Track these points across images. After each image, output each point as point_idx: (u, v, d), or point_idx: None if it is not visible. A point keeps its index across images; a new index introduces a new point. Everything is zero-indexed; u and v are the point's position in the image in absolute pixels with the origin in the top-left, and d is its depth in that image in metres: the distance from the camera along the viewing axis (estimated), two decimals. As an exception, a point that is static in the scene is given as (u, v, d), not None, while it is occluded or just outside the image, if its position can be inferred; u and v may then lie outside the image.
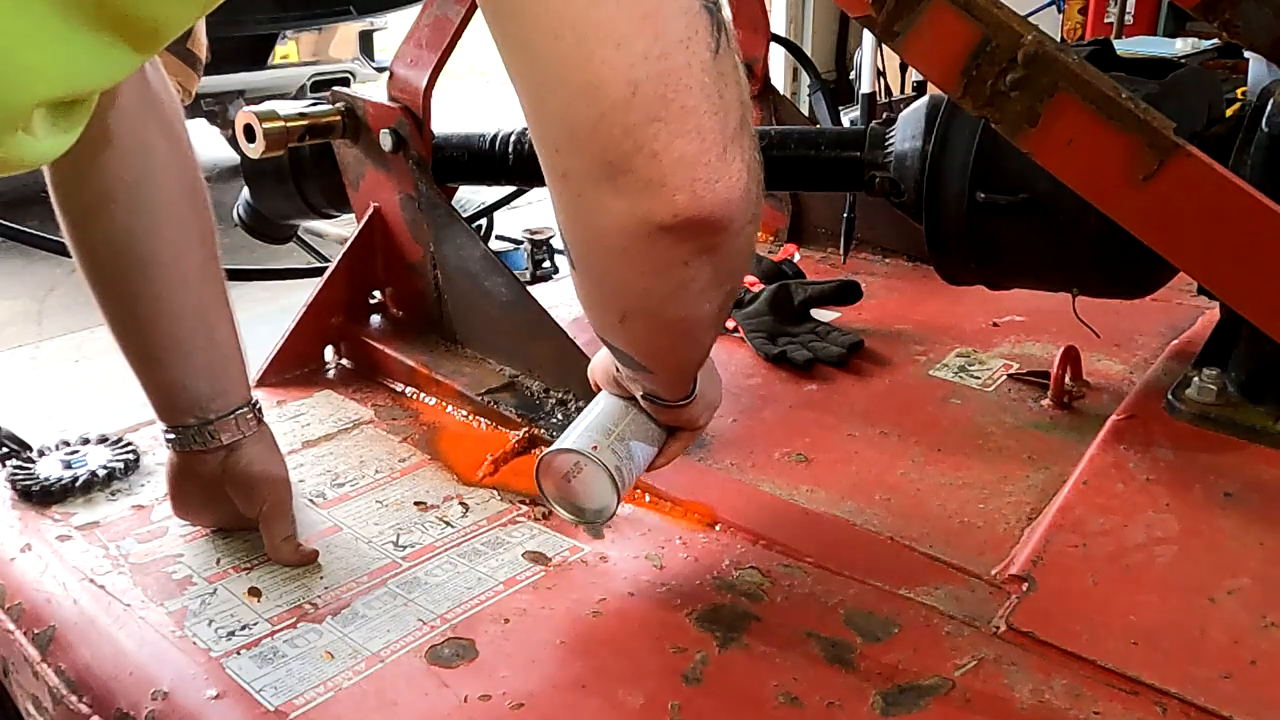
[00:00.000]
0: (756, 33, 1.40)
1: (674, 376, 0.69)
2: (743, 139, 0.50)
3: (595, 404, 0.75)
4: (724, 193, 0.49)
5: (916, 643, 0.65)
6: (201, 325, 0.76)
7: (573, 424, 0.73)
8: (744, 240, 0.54)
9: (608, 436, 0.71)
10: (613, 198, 0.48)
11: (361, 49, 4.89)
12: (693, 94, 0.46)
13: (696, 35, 0.46)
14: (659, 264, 0.52)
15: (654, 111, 0.46)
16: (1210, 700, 0.58)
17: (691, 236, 0.50)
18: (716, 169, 0.48)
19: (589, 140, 0.47)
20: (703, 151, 0.47)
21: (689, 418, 0.74)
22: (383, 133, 1.02)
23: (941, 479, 0.83)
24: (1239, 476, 0.75)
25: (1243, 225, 0.63)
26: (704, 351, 0.68)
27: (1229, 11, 0.96)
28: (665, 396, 0.71)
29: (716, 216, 0.50)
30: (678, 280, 0.54)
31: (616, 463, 0.70)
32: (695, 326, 0.61)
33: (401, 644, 0.67)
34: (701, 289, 0.56)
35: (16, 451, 0.90)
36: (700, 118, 0.47)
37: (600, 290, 0.58)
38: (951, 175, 0.88)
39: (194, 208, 0.76)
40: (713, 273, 0.55)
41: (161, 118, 0.72)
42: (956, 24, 0.66)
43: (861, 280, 1.19)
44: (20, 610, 0.74)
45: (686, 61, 0.46)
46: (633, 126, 0.46)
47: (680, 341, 0.63)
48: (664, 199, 0.48)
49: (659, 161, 0.47)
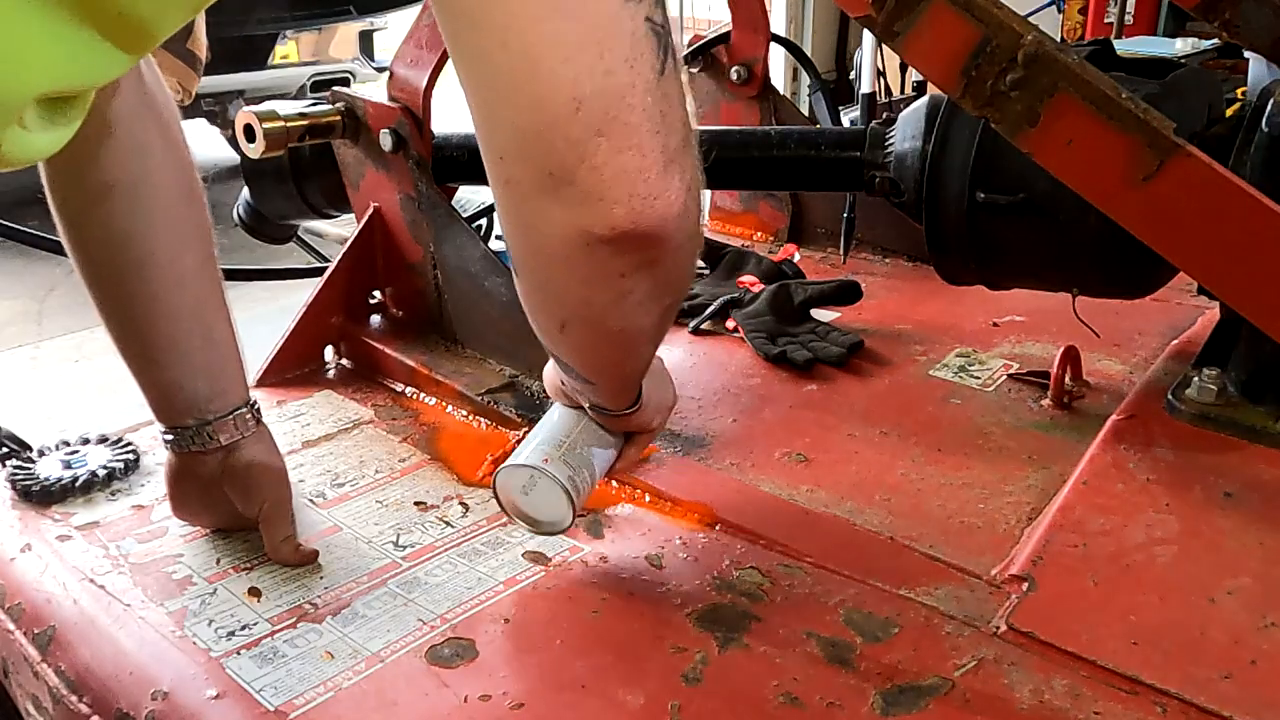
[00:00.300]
0: (756, 33, 1.40)
1: (616, 387, 0.70)
2: (684, 159, 0.51)
3: (548, 416, 0.76)
4: (662, 209, 0.50)
5: (916, 643, 0.65)
6: (199, 325, 0.76)
7: (526, 438, 0.75)
8: (683, 256, 0.56)
9: (559, 449, 0.72)
10: (554, 207, 0.50)
11: (361, 49, 4.89)
12: (635, 112, 0.48)
13: (642, 56, 0.47)
14: (597, 274, 0.54)
15: (597, 126, 0.47)
16: (1210, 700, 0.58)
17: (629, 250, 0.52)
18: (655, 186, 0.50)
19: (533, 150, 0.48)
20: (643, 168, 0.49)
21: (638, 424, 0.75)
22: (383, 133, 1.02)
23: (941, 479, 0.83)
24: (1239, 476, 0.75)
25: (1243, 225, 0.63)
26: (644, 363, 0.69)
27: (1229, 11, 0.97)
28: (609, 407, 0.72)
29: (654, 232, 0.51)
30: (616, 291, 0.55)
31: (569, 473, 0.71)
32: (634, 338, 0.63)
33: (401, 644, 0.67)
34: (640, 301, 0.57)
35: (16, 451, 0.90)
36: (642, 135, 0.48)
37: (541, 297, 0.60)
38: (951, 175, 0.88)
39: (191, 207, 0.76)
40: (651, 286, 0.57)
41: (158, 117, 0.72)
42: (956, 24, 0.66)
43: (861, 280, 1.19)
44: (20, 610, 0.74)
45: (631, 81, 0.47)
46: (576, 140, 0.47)
47: (620, 353, 0.65)
48: (602, 211, 0.49)
49: (600, 175, 0.48)
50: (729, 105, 1.45)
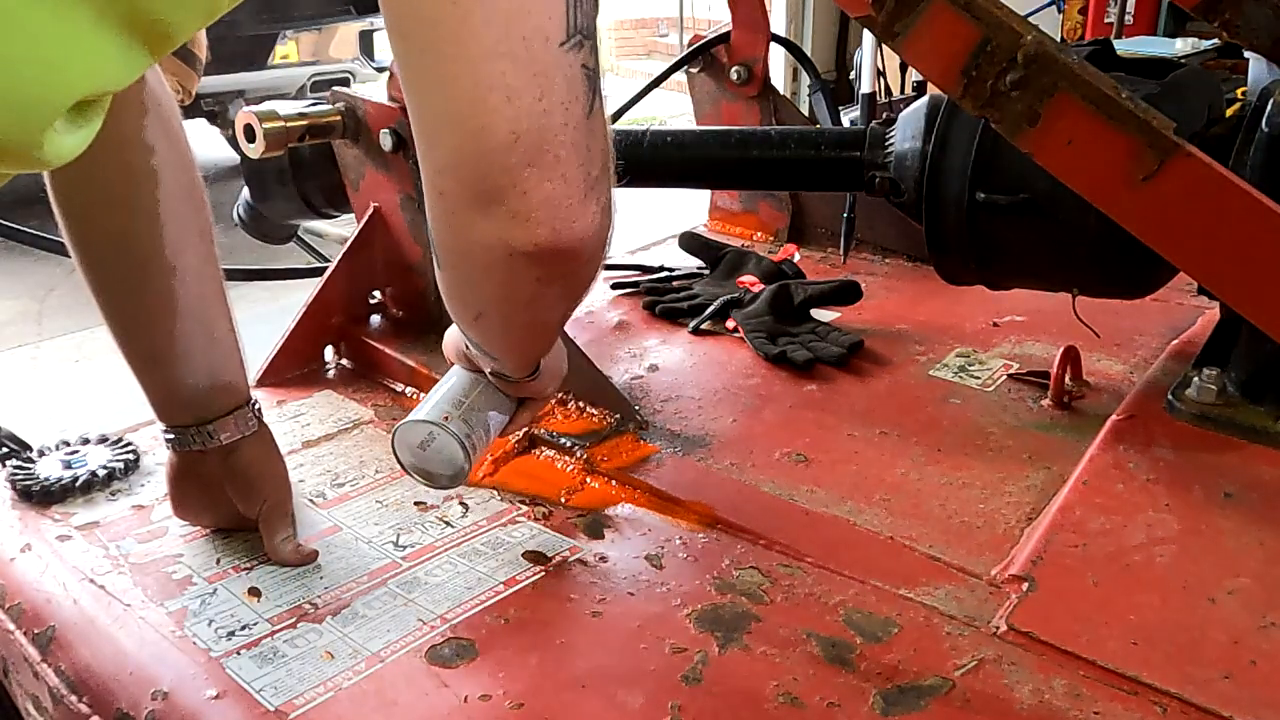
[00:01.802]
0: (756, 33, 1.40)
1: (519, 364, 0.75)
2: (601, 185, 0.57)
3: (447, 378, 0.80)
4: (580, 231, 0.56)
5: (916, 643, 0.65)
6: (200, 324, 0.77)
7: (425, 398, 0.78)
8: (593, 266, 0.62)
9: (458, 408, 0.76)
10: (482, 220, 0.55)
11: (361, 49, 4.90)
12: (565, 147, 0.53)
13: (576, 99, 0.53)
14: (514, 280, 0.59)
15: (530, 158, 0.52)
16: (1210, 700, 0.58)
17: (546, 264, 0.57)
18: (576, 211, 0.55)
19: (470, 170, 0.53)
20: (566, 195, 0.54)
21: (534, 390, 0.80)
22: (383, 133, 1.02)
23: (941, 479, 0.83)
24: (1239, 476, 0.75)
25: (1243, 225, 0.63)
26: (548, 346, 0.76)
27: (1229, 11, 0.97)
28: (511, 375, 0.76)
29: (572, 250, 0.56)
30: (529, 294, 0.61)
31: (467, 430, 0.75)
32: (542, 329, 0.71)
33: (401, 644, 0.67)
34: (550, 303, 0.64)
35: (16, 451, 0.90)
36: (568, 167, 0.53)
37: (460, 291, 0.65)
38: (951, 175, 0.88)
39: (192, 207, 0.76)
40: (561, 290, 0.63)
41: (160, 117, 0.73)
42: (956, 24, 0.66)
43: (861, 280, 1.19)
44: (20, 610, 0.74)
45: (564, 120, 0.52)
46: (510, 167, 0.52)
47: (527, 339, 0.72)
48: (527, 231, 0.54)
49: (527, 199, 0.53)
50: (729, 105, 1.45)
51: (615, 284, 1.30)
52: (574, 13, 0.51)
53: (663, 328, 1.18)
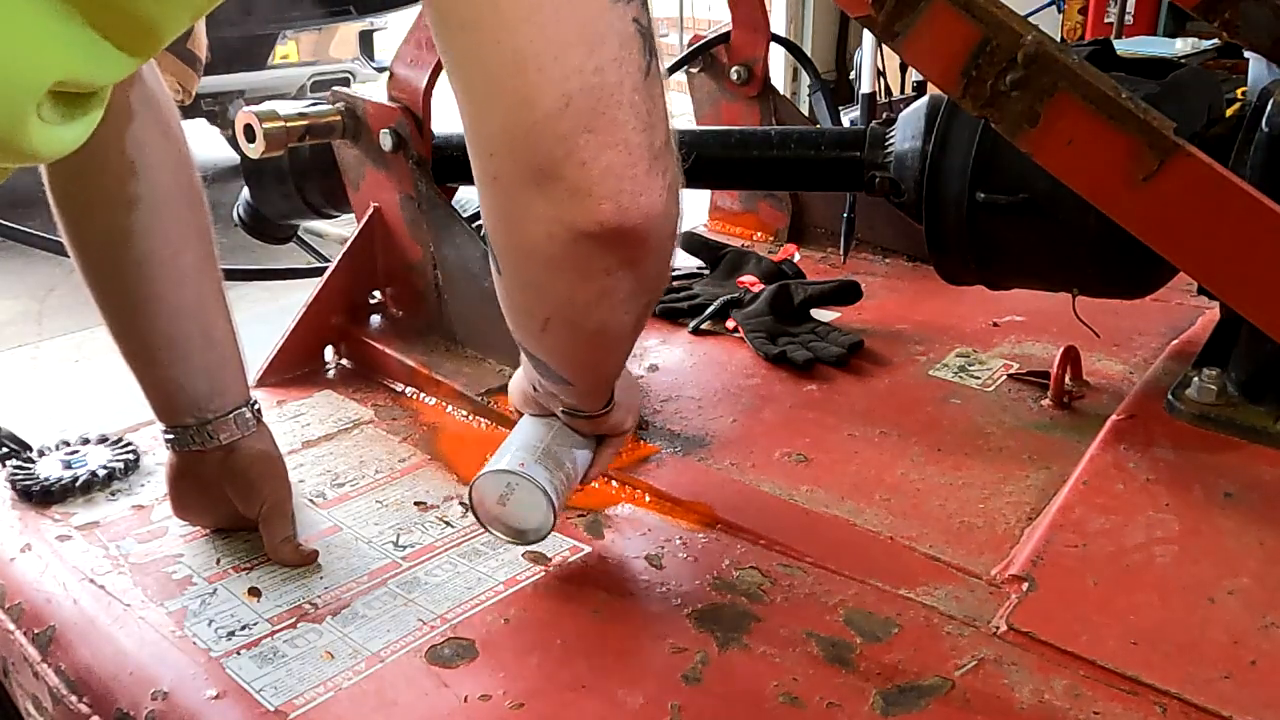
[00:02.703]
0: (756, 33, 1.40)
1: (592, 387, 0.71)
2: (666, 157, 0.52)
3: (519, 427, 0.76)
4: (646, 206, 0.51)
5: (916, 643, 0.65)
6: (199, 324, 0.77)
7: (499, 449, 0.74)
8: (664, 254, 0.58)
9: (533, 453, 0.72)
10: (540, 203, 0.50)
11: (361, 49, 4.89)
12: (623, 109, 0.48)
13: (630, 55, 0.48)
14: (582, 271, 0.55)
15: (585, 123, 0.48)
16: (1210, 700, 0.58)
17: (614, 246, 0.53)
18: (642, 183, 0.51)
19: (521, 146, 0.49)
20: (629, 164, 0.50)
21: (611, 425, 0.76)
22: (383, 133, 1.02)
23: (941, 479, 0.83)
24: (1239, 476, 0.75)
25: (1243, 225, 0.63)
26: (621, 361, 0.71)
27: (1229, 11, 0.96)
28: (584, 408, 0.72)
29: (639, 229, 0.52)
30: (599, 289, 0.56)
31: (548, 476, 0.71)
32: (614, 336, 0.64)
33: (401, 644, 0.67)
34: (622, 299, 0.59)
35: (16, 451, 0.90)
36: (628, 132, 0.49)
37: (524, 295, 0.60)
38: (951, 175, 0.88)
39: (190, 206, 0.76)
40: (633, 284, 0.58)
41: (158, 116, 0.73)
42: (956, 24, 0.66)
43: (861, 280, 1.19)
44: (20, 610, 0.74)
45: (619, 79, 0.48)
46: (564, 135, 0.48)
47: (599, 351, 0.66)
48: (590, 207, 0.50)
49: (587, 171, 0.49)
50: (729, 105, 1.45)
51: (615, 284, 1.30)
52: None
53: (663, 328, 1.18)
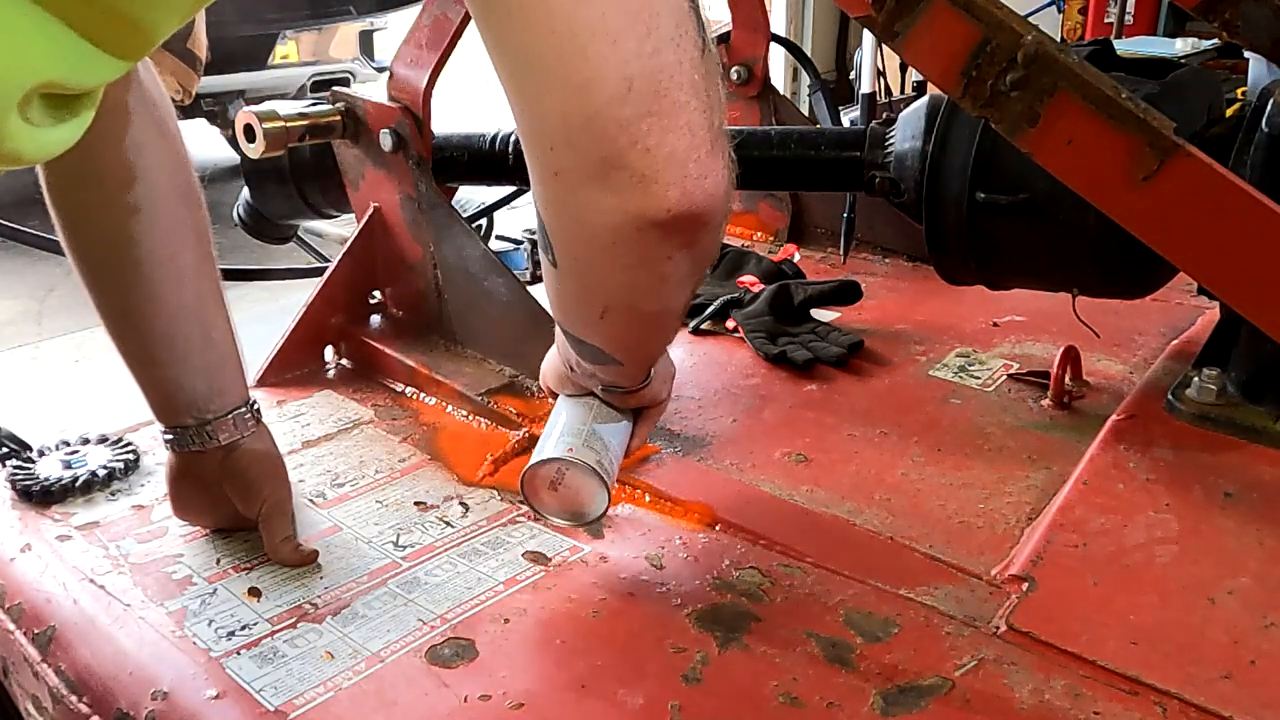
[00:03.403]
0: (756, 33, 1.40)
1: (640, 365, 0.72)
2: (724, 137, 0.51)
3: (557, 411, 0.77)
4: (711, 188, 0.50)
5: (916, 643, 0.65)
6: (198, 325, 0.76)
7: (543, 436, 0.75)
8: (720, 233, 0.57)
9: (579, 436, 0.73)
10: (605, 195, 0.49)
11: (361, 49, 4.89)
12: (684, 90, 0.47)
13: (686, 34, 0.47)
14: (644, 258, 0.54)
15: (648, 106, 0.46)
16: (1210, 700, 0.58)
17: (679, 231, 0.52)
18: (706, 165, 0.49)
19: (583, 136, 0.48)
20: (693, 147, 0.48)
21: (650, 397, 0.77)
22: (383, 133, 1.02)
23: (941, 479, 0.83)
24: (1239, 476, 0.75)
25: (1243, 225, 0.63)
26: (671, 338, 0.71)
27: (1229, 11, 0.96)
28: (626, 384, 0.73)
29: (705, 211, 0.51)
30: (660, 274, 0.56)
31: (596, 457, 0.72)
32: (669, 316, 0.65)
33: (401, 644, 0.67)
34: (679, 281, 0.58)
35: (16, 451, 0.90)
36: (691, 114, 0.48)
37: (584, 287, 0.60)
38: (951, 175, 0.88)
39: (188, 207, 0.75)
40: (690, 265, 0.57)
41: (155, 117, 0.72)
42: (956, 24, 0.65)
43: (861, 280, 1.19)
44: (20, 610, 0.74)
45: (678, 58, 0.47)
46: (627, 121, 0.46)
47: (652, 331, 0.67)
48: (656, 195, 0.49)
49: (652, 157, 0.48)
50: (729, 105, 1.45)
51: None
52: None
53: (663, 328, 1.18)
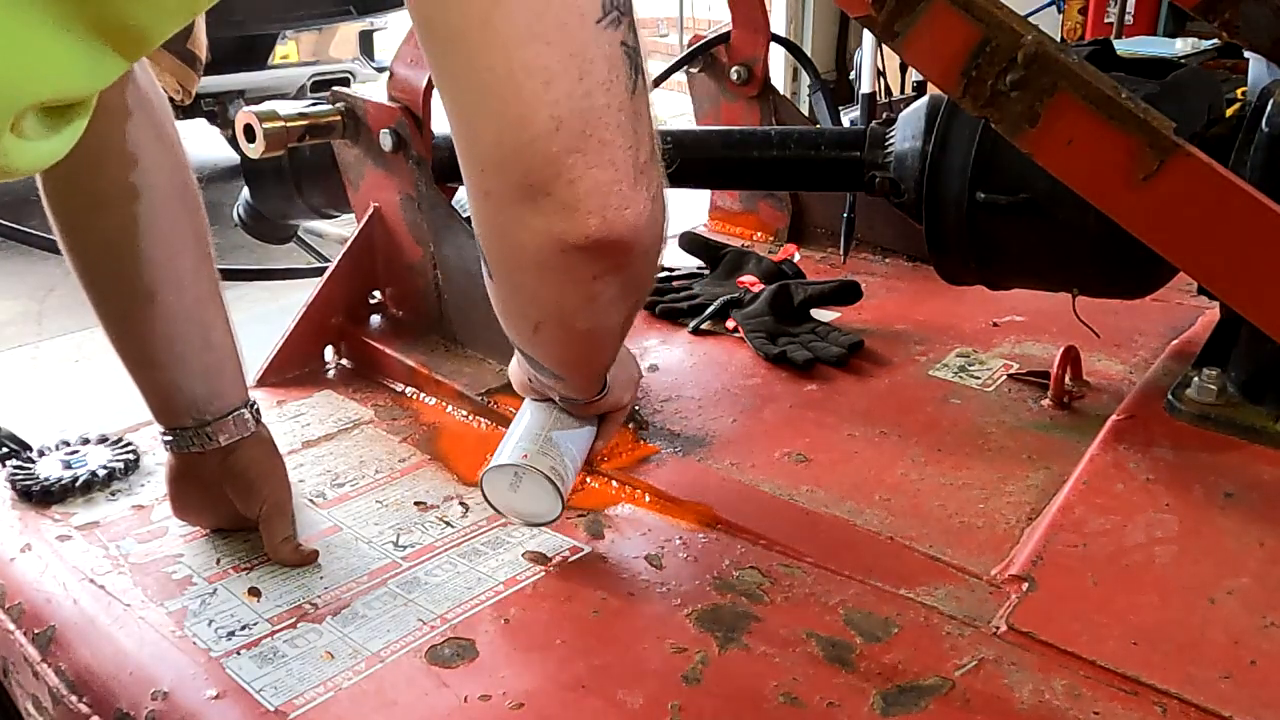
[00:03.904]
0: (756, 33, 1.40)
1: (585, 380, 0.74)
2: (651, 170, 0.55)
3: (520, 414, 0.80)
4: (632, 219, 0.54)
5: (916, 643, 0.65)
6: (196, 326, 0.76)
7: (503, 439, 0.78)
8: (650, 259, 0.60)
9: (535, 442, 0.76)
10: (531, 216, 0.53)
11: (361, 49, 4.89)
12: (610, 130, 0.51)
13: (618, 78, 0.51)
14: (570, 278, 0.57)
15: (574, 144, 0.50)
16: (1210, 700, 0.58)
17: (601, 256, 0.55)
18: (627, 197, 0.53)
19: (513, 164, 0.51)
20: (615, 180, 0.52)
21: (609, 405, 0.80)
22: (383, 133, 1.01)
23: (941, 479, 0.83)
24: (1239, 476, 0.75)
25: (1243, 225, 0.63)
26: (612, 356, 0.73)
27: (1229, 11, 0.96)
28: (579, 397, 0.76)
29: (625, 240, 0.55)
30: (587, 293, 0.58)
31: (551, 464, 0.75)
32: (603, 335, 0.67)
33: (401, 644, 0.67)
34: (609, 301, 0.61)
35: (16, 451, 0.90)
36: (615, 151, 0.52)
37: (516, 300, 0.63)
38: (951, 175, 0.88)
39: (186, 208, 0.75)
40: (620, 288, 0.60)
41: (152, 119, 0.72)
42: (956, 24, 0.66)
43: (861, 280, 1.19)
44: (20, 610, 0.74)
45: (607, 101, 0.50)
46: (554, 156, 0.50)
47: (589, 349, 0.69)
48: (578, 221, 0.53)
49: (575, 188, 0.51)
50: (729, 105, 1.45)
51: (615, 284, 1.30)
52: None
53: (663, 328, 1.18)
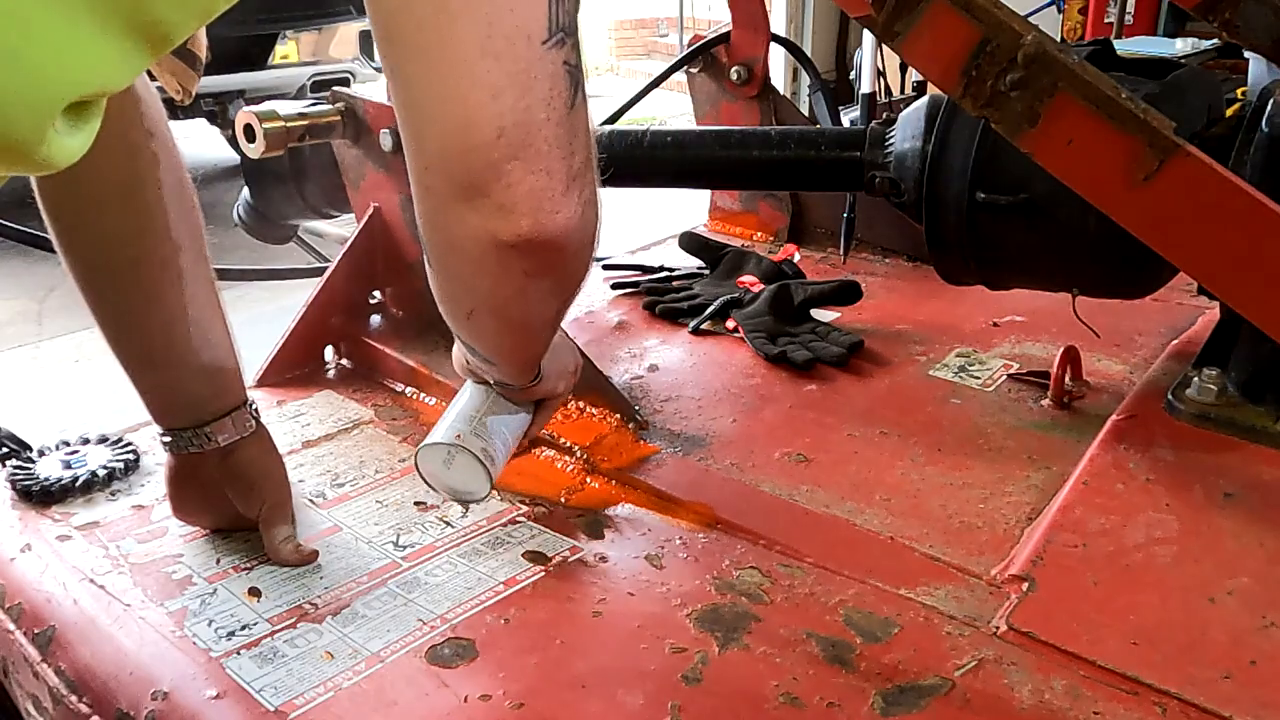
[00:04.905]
0: (756, 33, 1.40)
1: (517, 367, 0.76)
2: (584, 178, 0.59)
3: (459, 395, 0.82)
4: (563, 222, 0.58)
5: (916, 643, 0.65)
6: (194, 326, 0.76)
7: (441, 417, 0.80)
8: (580, 259, 0.64)
9: (469, 424, 0.79)
10: (469, 213, 0.57)
11: (361, 49, 4.88)
12: (547, 141, 0.55)
13: (558, 95, 0.55)
14: (503, 272, 0.60)
15: (514, 152, 0.54)
16: (1210, 700, 0.58)
17: (532, 255, 0.59)
18: (559, 202, 0.57)
19: (456, 165, 0.55)
20: (549, 187, 0.56)
21: (542, 393, 0.82)
22: (383, 133, 1.01)
23: (941, 479, 0.83)
24: (1239, 476, 0.75)
25: (1243, 225, 0.63)
26: (543, 347, 0.76)
27: (1229, 11, 0.97)
28: (510, 382, 0.78)
29: (556, 240, 0.58)
30: (518, 287, 0.62)
31: (483, 445, 0.78)
32: (534, 326, 0.71)
33: (401, 644, 0.67)
34: (541, 296, 0.65)
35: (16, 451, 0.90)
36: (550, 160, 0.56)
37: (452, 288, 0.66)
38: (951, 175, 0.88)
39: (182, 209, 0.75)
40: (551, 284, 0.64)
41: (147, 119, 0.72)
42: (956, 24, 0.66)
43: (861, 280, 1.19)
44: (20, 610, 0.74)
45: (546, 115, 0.55)
46: (495, 161, 0.54)
47: (520, 338, 0.72)
48: (512, 222, 0.57)
49: (512, 191, 0.55)
50: (729, 105, 1.45)
51: (615, 284, 1.30)
52: (555, 11, 0.53)
53: (663, 328, 1.18)
